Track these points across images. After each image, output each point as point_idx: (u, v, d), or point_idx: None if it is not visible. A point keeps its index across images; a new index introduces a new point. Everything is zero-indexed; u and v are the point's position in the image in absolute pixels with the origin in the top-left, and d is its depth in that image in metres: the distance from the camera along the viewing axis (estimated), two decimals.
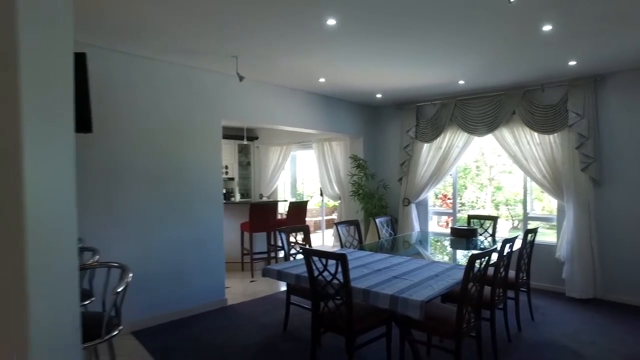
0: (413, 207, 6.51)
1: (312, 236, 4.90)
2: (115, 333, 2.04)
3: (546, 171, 5.22)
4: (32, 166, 0.87)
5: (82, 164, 3.48)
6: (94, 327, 1.96)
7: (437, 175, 6.25)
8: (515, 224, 9.51)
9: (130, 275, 1.99)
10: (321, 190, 8.08)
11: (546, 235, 6.05)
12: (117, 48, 3.85)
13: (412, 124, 6.43)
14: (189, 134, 4.46)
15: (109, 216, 3.86)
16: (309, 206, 7.41)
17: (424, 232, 6.19)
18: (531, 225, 5.59)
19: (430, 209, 6.77)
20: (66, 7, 0.92)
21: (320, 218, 9.31)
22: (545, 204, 7.93)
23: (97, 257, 2.72)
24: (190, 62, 4.35)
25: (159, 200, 4.22)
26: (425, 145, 6.36)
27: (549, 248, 5.31)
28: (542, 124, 5.15)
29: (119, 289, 1.89)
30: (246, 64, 4.32)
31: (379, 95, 6.17)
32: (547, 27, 3.39)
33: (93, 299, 2.67)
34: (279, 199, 8.36)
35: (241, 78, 4.21)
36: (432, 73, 4.89)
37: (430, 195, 6.66)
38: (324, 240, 8.69)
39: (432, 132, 6.23)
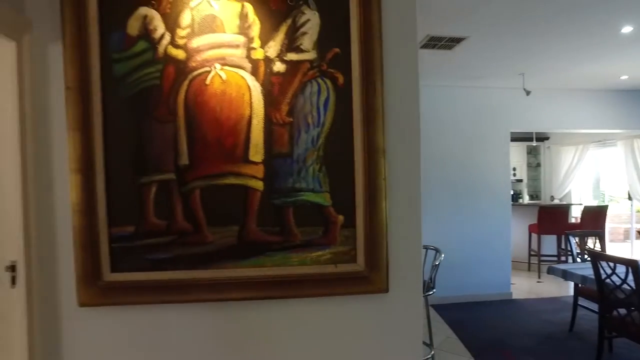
0: None
1: (620, 246, 4.73)
2: (431, 293, 3.02)
3: None
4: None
5: None
6: None
7: None
8: None
9: (443, 255, 2.93)
10: (629, 194, 7.16)
11: None
12: (423, 83, 4.99)
13: None
14: (478, 143, 5.20)
15: None
16: (615, 212, 6.78)
17: None
18: None
19: None
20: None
21: (629, 225, 8.14)
22: None
23: None
24: (478, 84, 5.06)
25: (452, 199, 5.14)
26: None
27: None
28: None
29: (437, 263, 2.86)
30: (532, 78, 4.67)
31: None
32: None
33: None
34: (573, 202, 7.90)
35: (528, 93, 4.61)
36: None
37: None
38: (632, 251, 7.61)
39: None
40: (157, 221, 1.55)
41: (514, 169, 8.73)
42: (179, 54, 1.53)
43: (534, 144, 8.36)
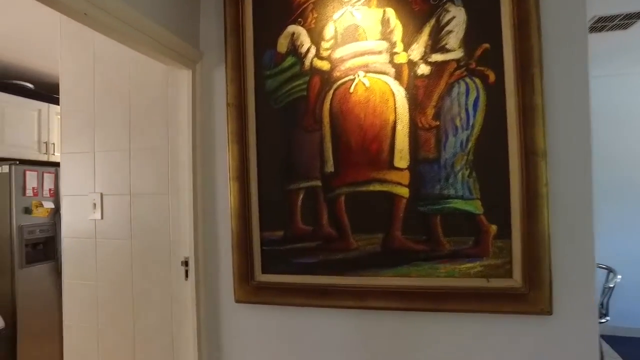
0: None
1: None
2: (603, 321, 2.56)
3: None
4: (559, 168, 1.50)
5: None
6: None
7: None
8: None
9: (619, 276, 2.46)
10: None
11: None
12: (591, 74, 4.32)
13: None
14: None
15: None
16: None
17: None
18: None
19: None
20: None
21: None
22: None
23: None
24: None
25: (633, 208, 4.28)
26: None
27: None
28: None
29: (610, 285, 2.41)
30: None
31: None
32: None
33: None
34: None
35: None
36: None
37: None
38: None
39: None
40: (303, 226, 1.62)
41: None
42: (324, 65, 1.59)
43: None
